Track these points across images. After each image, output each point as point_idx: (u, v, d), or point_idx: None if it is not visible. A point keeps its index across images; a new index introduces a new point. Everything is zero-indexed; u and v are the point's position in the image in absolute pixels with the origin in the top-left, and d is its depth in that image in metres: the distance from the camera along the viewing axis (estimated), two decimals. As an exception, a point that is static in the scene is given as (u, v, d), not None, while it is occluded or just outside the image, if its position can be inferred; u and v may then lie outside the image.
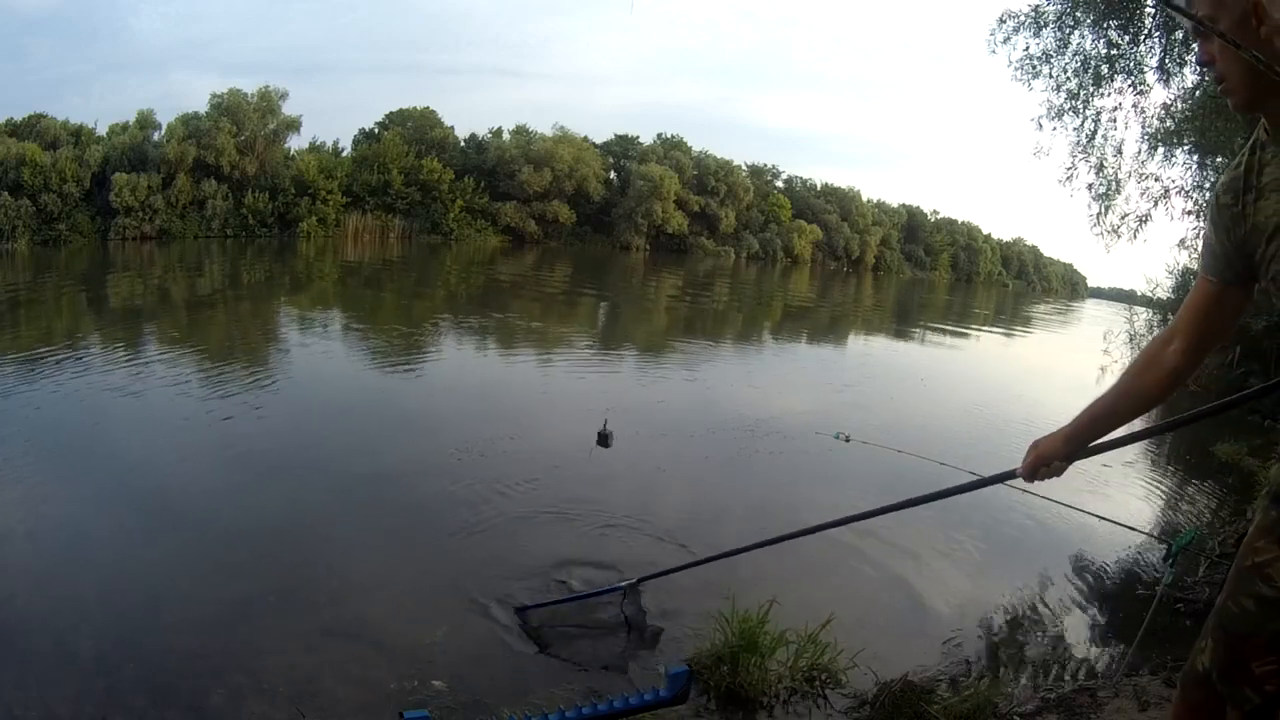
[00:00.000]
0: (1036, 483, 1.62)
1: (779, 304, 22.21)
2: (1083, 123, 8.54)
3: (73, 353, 7.40)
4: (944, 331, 19.26)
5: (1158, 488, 6.36)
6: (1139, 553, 4.58)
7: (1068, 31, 8.06)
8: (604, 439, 4.35)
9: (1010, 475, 1.68)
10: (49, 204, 21.46)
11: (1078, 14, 7.89)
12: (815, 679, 2.78)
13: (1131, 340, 13.55)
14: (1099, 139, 8.62)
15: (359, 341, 9.84)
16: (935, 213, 59.66)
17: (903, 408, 8.33)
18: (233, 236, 25.93)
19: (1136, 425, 1.59)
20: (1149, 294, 13.41)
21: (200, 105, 27.07)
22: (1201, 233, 1.18)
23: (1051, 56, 8.20)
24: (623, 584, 3.07)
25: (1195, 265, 12.14)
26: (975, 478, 1.97)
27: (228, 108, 26.61)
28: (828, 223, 47.77)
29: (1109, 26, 7.76)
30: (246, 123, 26.78)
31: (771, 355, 12.21)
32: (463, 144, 37.06)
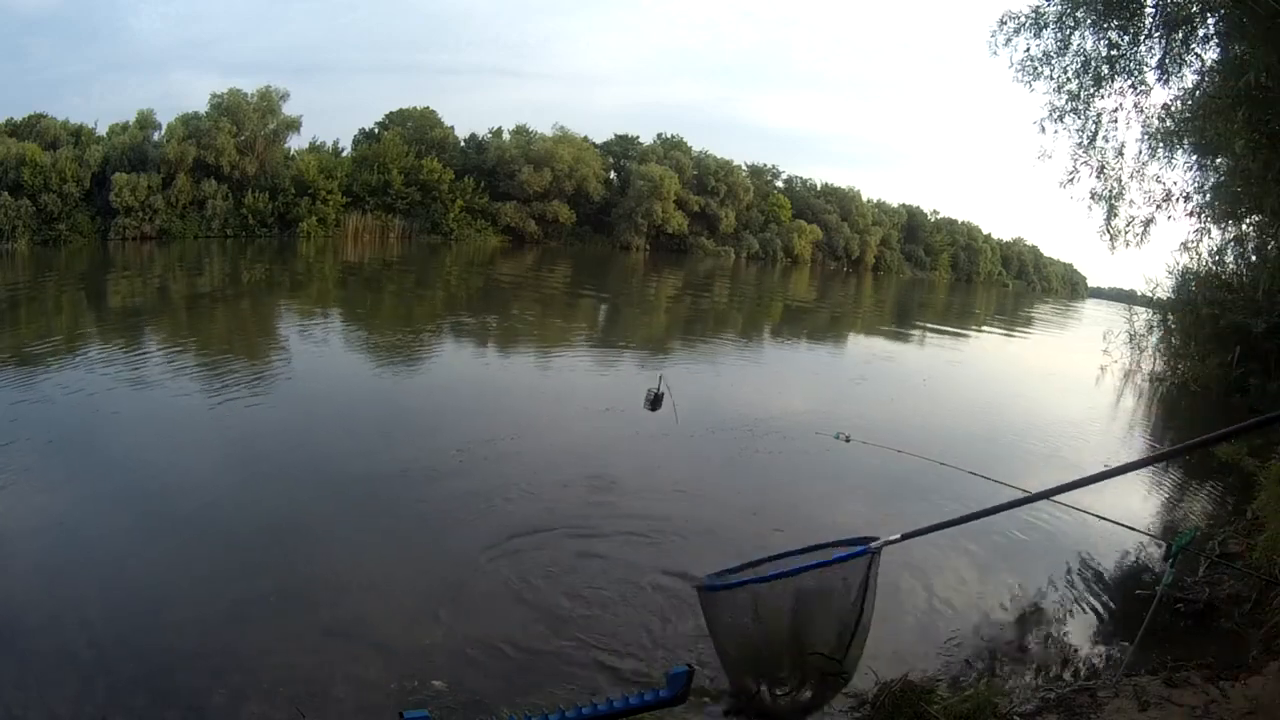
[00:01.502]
0: (1035, 481, 1.60)
1: (779, 304, 22.20)
2: (1084, 124, 8.53)
3: (73, 353, 7.40)
4: (944, 332, 19.26)
5: (1158, 488, 6.35)
6: (1139, 553, 4.58)
7: (1068, 32, 8.06)
8: (654, 401, 3.79)
9: None
10: (49, 204, 21.45)
11: (1078, 14, 7.88)
12: (815, 679, 2.78)
13: (1131, 340, 13.53)
14: (1100, 140, 8.61)
15: (359, 342, 9.84)
16: (935, 213, 59.63)
17: (903, 408, 8.32)
18: (233, 236, 25.92)
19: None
20: (1149, 294, 13.40)
21: (200, 105, 27.06)
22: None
23: (1052, 57, 8.19)
24: (873, 543, 2.31)
25: (1195, 266, 12.12)
26: (1011, 491, 1.91)
27: (228, 108, 26.59)
28: (828, 223, 47.76)
29: (1109, 27, 7.75)
30: (246, 123, 26.77)
31: (772, 355, 12.20)
32: (463, 144, 37.05)
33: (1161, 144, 8.38)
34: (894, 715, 2.54)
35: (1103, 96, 8.30)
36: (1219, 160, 8.06)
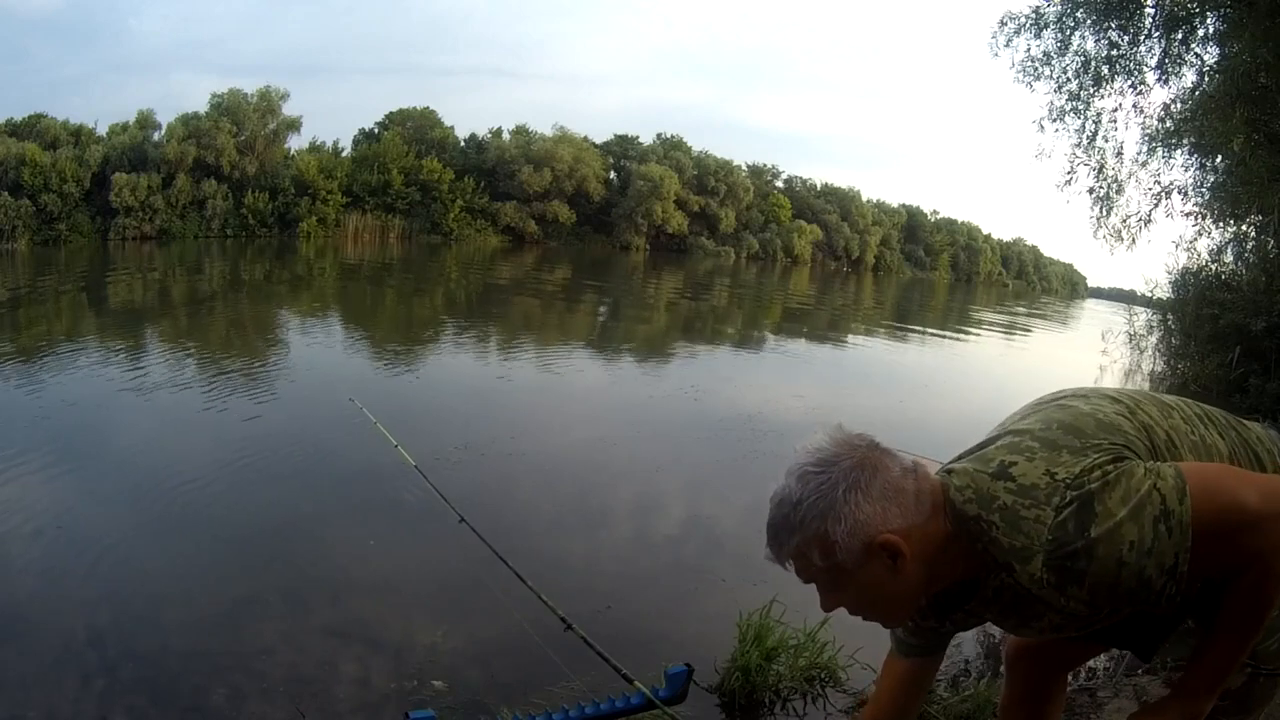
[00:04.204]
0: None
1: (779, 304, 22.21)
2: (1083, 124, 8.53)
3: (73, 354, 7.41)
4: (944, 331, 19.27)
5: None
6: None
7: (1068, 32, 8.06)
8: None
9: None
10: (49, 204, 21.46)
11: (1078, 15, 7.88)
12: (815, 678, 2.78)
13: (1131, 340, 13.52)
14: (1100, 140, 8.61)
15: (359, 341, 9.85)
16: (935, 213, 59.70)
17: (902, 407, 8.33)
18: (233, 236, 25.94)
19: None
20: (1148, 294, 13.38)
21: (200, 106, 27.12)
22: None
23: (1052, 58, 8.19)
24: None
25: (1193, 266, 12.17)
26: None
27: (228, 108, 26.62)
28: (828, 223, 47.79)
29: (1109, 27, 7.75)
30: (246, 123, 26.79)
31: (772, 355, 12.21)
32: (463, 144, 37.06)
33: (1161, 144, 8.38)
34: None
35: (1102, 96, 8.31)
36: (1218, 159, 8.06)
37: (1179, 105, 8.04)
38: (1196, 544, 0.97)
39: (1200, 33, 7.46)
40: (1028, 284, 68.89)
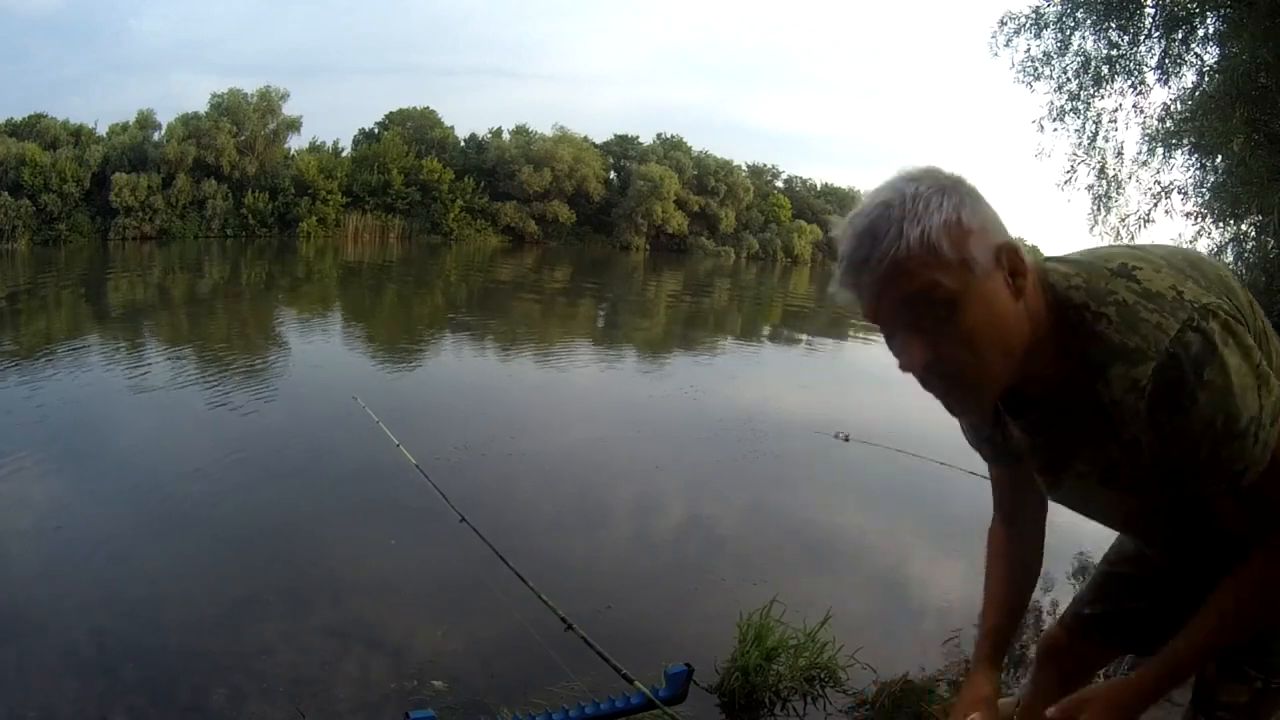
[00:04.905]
0: None
1: (779, 305, 22.20)
2: (1084, 124, 8.53)
3: (73, 353, 7.40)
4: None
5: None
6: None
7: (1068, 33, 8.06)
8: None
9: None
10: (49, 204, 21.45)
11: (1078, 15, 7.89)
12: (815, 678, 2.78)
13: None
14: (1100, 140, 8.61)
15: (359, 342, 9.85)
16: (935, 213, 59.72)
17: (903, 408, 8.32)
18: (233, 236, 25.92)
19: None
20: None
21: (200, 106, 27.07)
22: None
23: (1052, 58, 8.19)
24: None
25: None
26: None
27: (228, 108, 26.60)
28: (828, 223, 47.68)
29: (1109, 27, 7.76)
30: (246, 123, 26.76)
31: (772, 355, 12.21)
32: (463, 144, 37.03)
33: (1161, 144, 8.37)
34: (894, 715, 2.54)
35: (1102, 97, 8.31)
36: (1218, 159, 8.06)
37: (1179, 105, 8.03)
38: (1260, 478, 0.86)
39: (1200, 33, 7.46)
40: (1028, 284, 68.91)
